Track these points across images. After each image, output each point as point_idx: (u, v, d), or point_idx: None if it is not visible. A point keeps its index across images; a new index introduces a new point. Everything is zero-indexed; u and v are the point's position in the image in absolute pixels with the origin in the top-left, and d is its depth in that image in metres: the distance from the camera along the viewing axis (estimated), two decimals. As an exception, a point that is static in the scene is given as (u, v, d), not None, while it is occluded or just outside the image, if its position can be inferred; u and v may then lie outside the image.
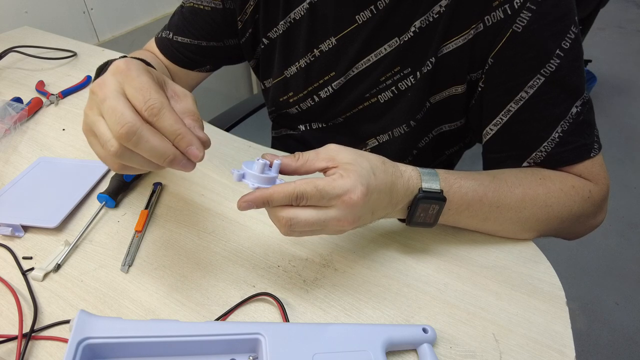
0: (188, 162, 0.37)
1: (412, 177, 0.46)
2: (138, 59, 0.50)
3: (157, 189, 0.59)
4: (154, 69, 0.49)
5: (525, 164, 0.53)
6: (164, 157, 0.36)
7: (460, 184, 0.47)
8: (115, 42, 1.47)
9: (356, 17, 0.57)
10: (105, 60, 0.96)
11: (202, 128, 0.39)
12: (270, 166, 0.42)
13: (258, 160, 0.41)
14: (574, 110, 0.50)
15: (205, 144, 0.38)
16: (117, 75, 0.37)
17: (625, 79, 2.59)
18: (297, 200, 0.39)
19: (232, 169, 0.41)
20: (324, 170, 0.43)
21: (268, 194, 0.39)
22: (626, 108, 2.34)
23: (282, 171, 0.43)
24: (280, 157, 0.43)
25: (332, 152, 0.43)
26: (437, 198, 0.45)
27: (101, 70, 0.49)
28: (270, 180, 0.40)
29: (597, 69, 2.52)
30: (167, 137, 0.36)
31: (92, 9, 1.38)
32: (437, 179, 0.46)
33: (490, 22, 0.50)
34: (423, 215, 0.46)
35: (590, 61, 2.46)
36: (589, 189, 0.51)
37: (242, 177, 0.41)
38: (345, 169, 0.41)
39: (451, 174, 0.48)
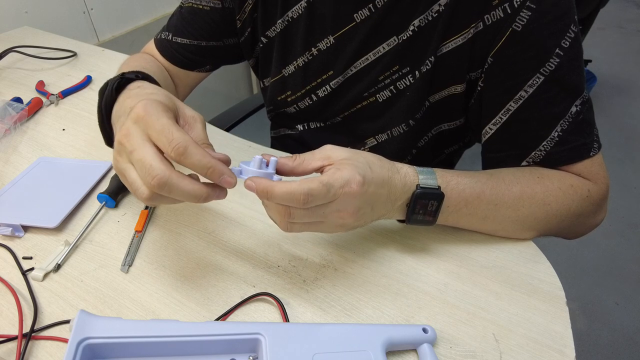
0: (220, 193, 0.40)
1: (408, 173, 0.46)
2: (139, 74, 0.50)
3: None
4: (159, 85, 0.49)
5: (524, 163, 0.53)
6: (198, 198, 0.38)
7: (457, 181, 0.48)
8: (115, 42, 1.47)
9: (354, 15, 0.57)
10: (104, 60, 0.97)
11: (214, 151, 0.41)
12: (267, 164, 0.42)
13: (255, 157, 0.41)
14: (573, 109, 0.50)
15: (227, 163, 0.40)
16: (139, 123, 0.39)
17: (625, 79, 2.59)
18: (305, 204, 0.39)
19: (230, 167, 0.41)
20: (320, 170, 0.43)
21: (270, 185, 0.39)
22: (626, 108, 2.34)
23: (279, 170, 0.43)
24: (278, 156, 0.43)
25: (328, 152, 0.44)
26: (435, 194, 0.45)
27: (103, 92, 0.49)
28: (267, 176, 0.41)
29: (597, 69, 2.52)
30: (197, 172, 0.38)
31: (92, 9, 1.38)
32: (434, 176, 0.46)
33: (490, 21, 0.50)
34: (422, 212, 0.46)
35: (590, 61, 2.46)
36: (588, 188, 0.51)
37: (240, 173, 0.41)
38: (341, 163, 0.42)
39: (448, 171, 0.48)
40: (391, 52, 0.57)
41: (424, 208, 0.46)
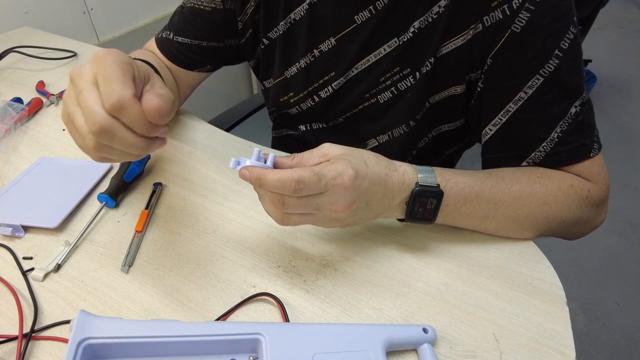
0: (161, 142, 0.39)
1: (407, 172, 0.46)
2: (142, 60, 0.50)
3: (158, 189, 0.59)
4: (158, 73, 0.49)
5: (524, 164, 0.53)
6: (138, 149, 0.36)
7: (456, 180, 0.48)
8: (115, 42, 1.47)
9: (355, 17, 0.57)
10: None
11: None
12: (266, 160, 0.43)
13: (254, 149, 0.42)
14: (573, 110, 0.50)
15: (163, 98, 0.37)
16: (93, 64, 0.36)
17: (625, 79, 2.59)
18: (296, 191, 0.39)
19: (231, 158, 0.42)
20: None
21: (263, 172, 0.40)
22: (626, 108, 2.34)
23: (277, 167, 0.44)
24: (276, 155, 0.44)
25: (325, 149, 0.44)
26: (434, 192, 0.46)
27: None
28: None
29: (597, 69, 2.52)
30: (135, 131, 0.36)
31: (92, 9, 1.38)
32: (433, 174, 0.47)
33: (489, 23, 0.50)
34: (421, 210, 0.47)
35: (590, 61, 2.45)
36: (588, 189, 0.51)
37: (237, 164, 0.42)
38: (336, 158, 0.43)
39: (447, 170, 0.49)
40: (392, 54, 0.57)
41: (423, 206, 0.46)
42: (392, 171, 0.46)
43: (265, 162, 0.43)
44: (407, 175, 0.46)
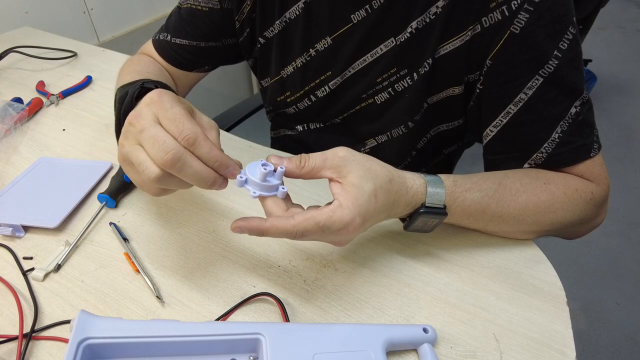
0: (223, 182, 0.40)
1: (417, 192, 0.44)
2: (157, 83, 0.48)
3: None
4: (173, 91, 0.48)
5: (526, 165, 0.53)
6: (206, 181, 0.38)
7: (464, 197, 0.47)
8: (115, 42, 1.47)
9: (351, 16, 0.57)
10: (104, 60, 0.97)
11: None
12: (275, 172, 0.41)
13: (261, 164, 0.40)
14: (573, 110, 0.50)
15: (238, 165, 0.41)
16: (151, 106, 0.39)
17: (625, 79, 2.59)
18: (299, 238, 0.39)
19: (237, 176, 0.40)
20: (329, 179, 0.42)
21: (265, 228, 0.38)
22: (626, 108, 2.34)
23: (287, 176, 0.42)
24: (285, 162, 0.41)
25: (340, 162, 0.41)
26: (439, 213, 0.45)
27: (122, 100, 0.47)
28: (273, 188, 0.40)
29: (597, 69, 2.52)
30: (205, 164, 0.38)
31: (92, 9, 1.38)
32: (442, 191, 0.45)
33: (488, 24, 0.50)
34: (421, 225, 0.47)
35: (590, 61, 2.45)
36: (592, 190, 0.51)
37: (245, 183, 0.40)
38: (347, 193, 0.40)
39: (458, 186, 0.47)
40: (389, 54, 0.57)
41: (424, 223, 0.46)
42: (402, 195, 0.44)
43: (273, 174, 0.40)
44: (416, 196, 0.44)
